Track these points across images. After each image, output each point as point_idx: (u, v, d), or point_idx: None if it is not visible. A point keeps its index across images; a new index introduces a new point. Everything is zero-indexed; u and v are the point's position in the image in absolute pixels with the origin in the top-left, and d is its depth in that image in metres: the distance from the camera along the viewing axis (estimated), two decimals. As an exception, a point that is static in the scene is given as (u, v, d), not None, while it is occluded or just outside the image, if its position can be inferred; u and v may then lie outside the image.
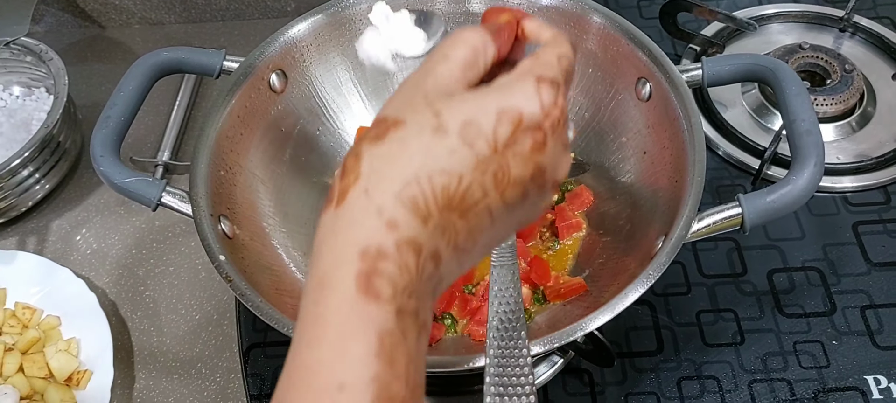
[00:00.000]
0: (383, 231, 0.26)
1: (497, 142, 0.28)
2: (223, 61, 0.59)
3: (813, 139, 0.49)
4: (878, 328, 0.61)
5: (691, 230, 0.48)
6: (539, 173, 0.29)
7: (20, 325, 0.64)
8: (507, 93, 0.29)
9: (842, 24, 0.82)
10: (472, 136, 0.27)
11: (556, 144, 0.30)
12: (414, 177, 0.27)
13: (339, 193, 0.28)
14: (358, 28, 0.64)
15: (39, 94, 0.80)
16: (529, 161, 0.29)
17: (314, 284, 0.27)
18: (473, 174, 0.27)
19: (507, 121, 0.28)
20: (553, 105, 0.29)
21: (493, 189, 0.28)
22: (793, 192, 0.48)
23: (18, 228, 0.74)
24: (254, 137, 0.59)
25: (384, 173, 0.27)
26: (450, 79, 0.29)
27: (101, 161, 0.51)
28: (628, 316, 0.62)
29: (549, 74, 0.30)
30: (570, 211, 0.62)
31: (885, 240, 0.66)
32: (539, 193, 0.30)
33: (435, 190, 0.27)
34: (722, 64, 0.55)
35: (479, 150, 0.27)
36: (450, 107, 0.28)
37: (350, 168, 0.28)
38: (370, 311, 0.26)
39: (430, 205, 0.27)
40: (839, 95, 0.73)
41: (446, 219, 0.27)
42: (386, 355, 0.26)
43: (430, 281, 0.28)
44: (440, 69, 0.30)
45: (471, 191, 0.28)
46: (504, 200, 0.29)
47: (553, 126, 0.29)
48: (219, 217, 0.52)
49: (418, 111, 0.28)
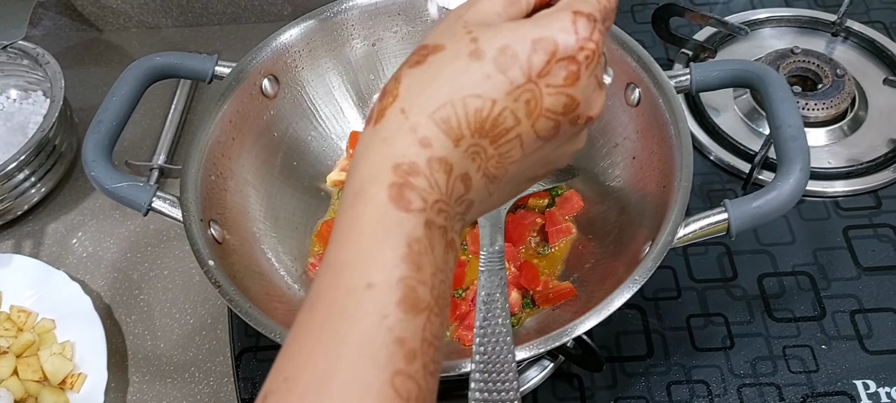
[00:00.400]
0: (416, 147, 0.28)
1: (531, 71, 0.29)
2: (215, 66, 0.59)
3: (798, 144, 0.49)
4: (867, 332, 0.61)
5: (677, 236, 0.48)
6: (571, 106, 0.30)
7: (15, 328, 0.65)
8: (544, 24, 0.29)
9: (834, 28, 0.82)
10: (507, 63, 0.28)
11: (590, 79, 0.30)
12: (448, 98, 0.28)
13: (378, 112, 0.29)
14: (349, 34, 0.65)
15: (36, 98, 0.80)
16: (562, 92, 0.29)
17: (350, 194, 0.28)
18: (506, 100, 0.28)
19: (542, 50, 0.29)
20: (588, 38, 0.29)
21: (525, 117, 0.29)
22: (778, 198, 0.48)
23: (14, 231, 0.74)
24: (245, 142, 0.60)
25: (420, 93, 0.28)
26: (491, 12, 0.30)
27: (92, 165, 0.51)
28: (618, 320, 0.63)
29: (587, 9, 0.30)
30: (560, 216, 0.62)
31: (876, 245, 0.66)
32: (571, 129, 0.31)
33: (468, 112, 0.28)
34: (710, 69, 0.56)
35: (513, 77, 0.28)
36: (487, 34, 0.29)
37: (389, 90, 0.29)
38: (400, 219, 0.27)
39: (462, 127, 0.28)
40: (830, 100, 0.74)
41: (478, 143, 0.29)
42: (413, 260, 0.27)
43: (459, 203, 0.29)
44: (484, 2, 0.31)
45: (503, 117, 0.29)
46: (535, 131, 0.30)
47: (588, 59, 0.30)
48: (209, 222, 0.53)
49: (457, 37, 0.29)
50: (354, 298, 0.26)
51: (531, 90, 0.29)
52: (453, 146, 0.28)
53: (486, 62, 0.28)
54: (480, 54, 0.29)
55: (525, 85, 0.29)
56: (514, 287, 0.59)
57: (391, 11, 0.65)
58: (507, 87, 0.28)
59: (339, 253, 0.28)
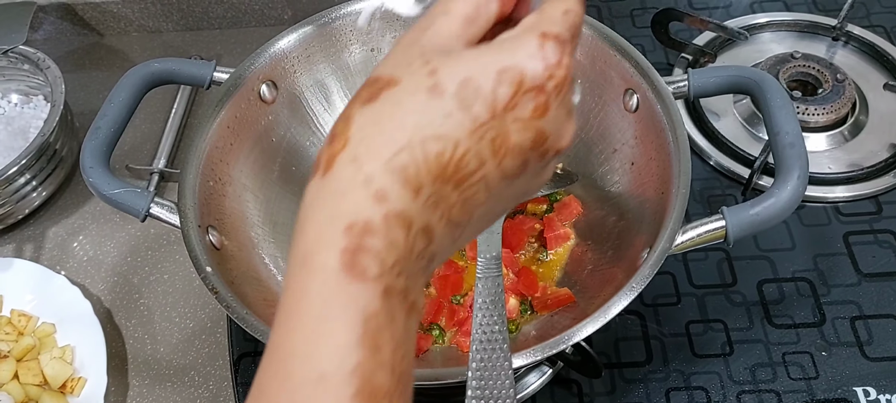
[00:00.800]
0: (371, 203, 0.25)
1: (496, 105, 0.26)
2: (213, 72, 0.59)
3: (796, 151, 0.49)
4: (867, 339, 0.61)
5: (675, 243, 0.48)
6: (540, 140, 0.27)
7: (15, 332, 0.65)
8: (509, 50, 0.27)
9: (834, 32, 0.82)
10: (469, 98, 0.26)
11: (560, 109, 0.27)
12: (406, 142, 0.25)
13: (326, 161, 0.26)
14: (347, 39, 0.65)
15: (37, 102, 0.80)
16: (530, 126, 0.27)
17: (296, 262, 0.25)
18: (470, 140, 0.26)
19: (508, 81, 0.26)
20: (557, 64, 0.27)
21: (491, 157, 0.26)
22: (776, 205, 0.48)
23: (15, 235, 0.75)
24: (244, 148, 0.60)
25: (374, 138, 0.25)
26: (449, 36, 0.28)
27: (90, 171, 0.51)
28: (617, 326, 0.63)
29: (554, 30, 0.27)
30: (559, 222, 0.62)
31: (876, 251, 0.66)
32: (539, 163, 0.28)
33: (428, 157, 0.25)
34: (708, 76, 0.56)
35: (476, 114, 0.26)
36: (447, 65, 0.26)
37: (339, 133, 0.26)
38: (354, 291, 0.24)
39: (422, 175, 0.25)
40: (831, 105, 0.73)
41: (439, 191, 0.26)
42: (370, 340, 0.24)
43: (421, 258, 0.26)
44: (439, 24, 0.28)
45: (467, 160, 0.26)
46: (502, 170, 0.27)
47: (557, 87, 0.27)
48: (207, 228, 0.53)
49: (413, 69, 0.26)
50: (303, 394, 0.23)
51: (497, 127, 0.26)
52: (412, 197, 0.25)
53: (447, 98, 0.25)
54: (440, 89, 0.26)
55: (490, 122, 0.26)
56: (512, 293, 0.59)
57: (390, 17, 0.65)
58: (471, 126, 0.26)
59: (286, 337, 0.24)
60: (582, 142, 0.65)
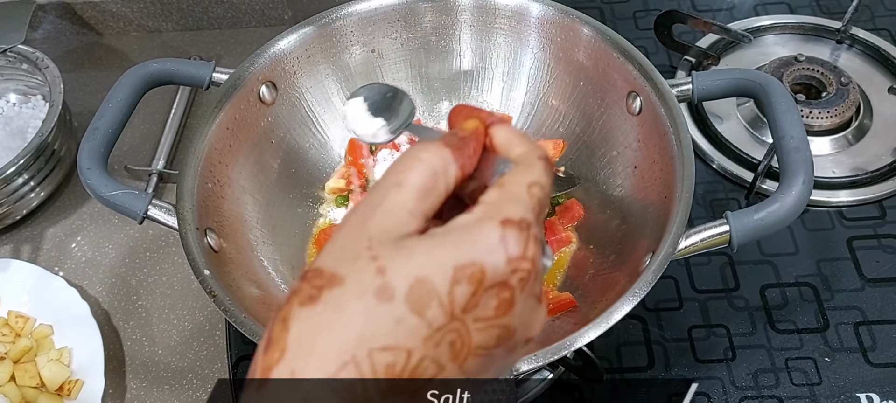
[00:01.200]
0: None
1: (454, 307, 0.23)
2: (213, 73, 0.59)
3: (802, 156, 0.48)
4: (871, 345, 0.60)
5: (678, 248, 0.48)
6: (507, 336, 0.25)
7: (13, 334, 0.64)
8: (467, 242, 0.24)
9: (839, 35, 0.81)
10: (423, 301, 0.23)
11: (527, 301, 0.25)
12: (351, 356, 0.22)
13: (262, 371, 0.23)
14: (348, 40, 0.64)
15: (36, 102, 0.80)
16: (494, 324, 0.24)
17: None
18: (425, 347, 0.23)
19: (466, 280, 0.23)
20: (522, 257, 0.24)
21: (450, 361, 0.23)
22: (781, 210, 0.47)
23: (13, 236, 0.74)
24: (243, 149, 0.59)
25: (314, 349, 0.23)
26: (401, 215, 0.25)
27: (87, 173, 0.51)
28: (619, 330, 0.62)
29: (517, 214, 0.25)
30: (561, 225, 0.62)
31: (880, 256, 0.66)
32: (508, 356, 0.26)
33: (376, 371, 0.22)
34: (712, 78, 0.55)
35: (431, 318, 0.23)
36: (396, 261, 0.23)
37: (275, 339, 0.23)
38: None
39: (370, 391, 0.22)
40: (835, 108, 0.73)
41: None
42: None
43: None
44: (391, 201, 0.25)
45: (422, 368, 0.23)
46: (464, 371, 0.24)
47: (522, 281, 0.24)
48: (205, 230, 0.52)
49: (359, 265, 0.24)
50: None
51: (456, 329, 0.23)
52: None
53: (397, 302, 0.23)
54: (389, 292, 0.23)
55: (448, 325, 0.23)
56: (513, 297, 0.58)
57: (391, 18, 0.64)
58: (426, 332, 0.23)
59: None
60: (584, 145, 0.64)
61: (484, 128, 0.29)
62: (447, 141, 0.27)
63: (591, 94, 0.62)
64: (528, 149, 0.28)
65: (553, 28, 0.62)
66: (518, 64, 0.66)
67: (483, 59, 0.67)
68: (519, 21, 0.64)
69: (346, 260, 0.24)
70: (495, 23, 0.65)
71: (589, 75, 0.62)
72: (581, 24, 0.61)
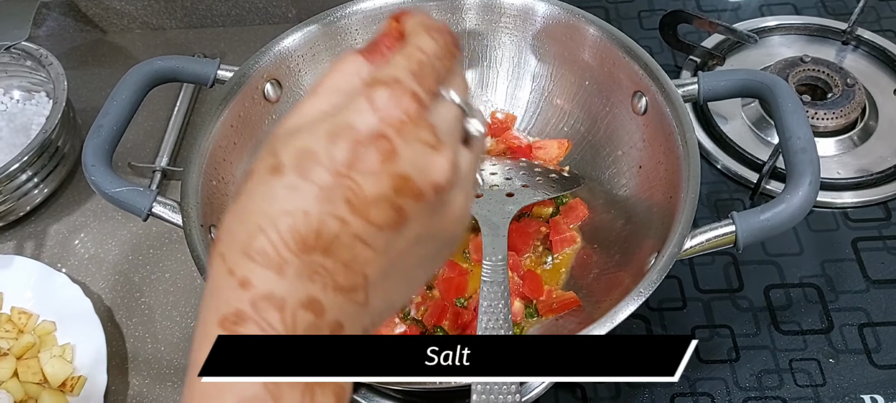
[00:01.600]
0: (237, 291, 0.25)
1: (335, 165, 0.26)
2: (217, 70, 0.59)
3: (808, 157, 0.48)
4: (875, 346, 0.60)
5: (684, 248, 0.48)
6: (402, 182, 0.26)
7: (15, 330, 0.64)
8: (341, 112, 0.27)
9: (844, 36, 0.81)
10: (307, 166, 0.26)
11: (413, 145, 0.27)
12: (257, 226, 0.25)
13: (208, 267, 0.27)
14: (352, 39, 0.64)
15: (39, 99, 0.80)
16: (382, 173, 0.26)
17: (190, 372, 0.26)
18: (320, 206, 0.25)
19: (343, 139, 0.26)
20: (392, 106, 0.26)
21: (351, 214, 0.26)
22: (787, 211, 0.47)
23: (16, 232, 0.74)
24: (248, 147, 0.59)
25: (234, 231, 0.26)
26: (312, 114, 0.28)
27: (91, 170, 0.51)
28: (622, 330, 0.61)
29: (386, 74, 0.27)
30: (565, 225, 0.62)
31: (885, 257, 0.65)
32: (423, 204, 0.27)
33: (282, 234, 0.25)
34: (718, 79, 0.55)
35: (317, 179, 0.25)
36: (284, 143, 0.26)
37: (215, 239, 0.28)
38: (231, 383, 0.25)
39: (281, 251, 0.25)
40: (840, 109, 0.73)
41: (309, 262, 0.25)
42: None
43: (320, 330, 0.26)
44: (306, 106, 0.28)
45: (324, 224, 0.25)
46: (372, 223, 0.26)
47: (399, 127, 0.26)
48: (210, 227, 0.52)
49: (262, 157, 0.27)
50: None
51: (345, 185, 0.26)
52: (277, 277, 0.25)
53: (288, 173, 0.26)
54: (280, 167, 0.26)
55: (336, 182, 0.26)
56: (517, 296, 0.58)
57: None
58: (316, 193, 0.25)
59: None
60: (589, 145, 0.64)
61: (396, 25, 0.31)
62: (360, 48, 0.30)
63: (597, 94, 0.62)
64: (415, 22, 0.30)
65: (558, 27, 0.62)
66: (523, 63, 0.66)
67: (488, 57, 0.67)
68: (524, 20, 0.64)
69: (259, 159, 0.27)
70: (501, 22, 0.65)
71: (594, 75, 0.62)
72: (586, 23, 0.61)
